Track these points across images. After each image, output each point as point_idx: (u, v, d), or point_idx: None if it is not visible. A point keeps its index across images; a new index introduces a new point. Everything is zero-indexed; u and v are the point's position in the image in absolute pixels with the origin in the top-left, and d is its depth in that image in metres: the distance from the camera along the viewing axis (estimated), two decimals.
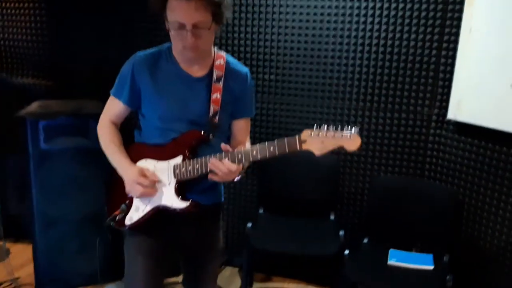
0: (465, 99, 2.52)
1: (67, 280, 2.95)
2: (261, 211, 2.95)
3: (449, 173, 2.69)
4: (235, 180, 1.66)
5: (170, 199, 1.69)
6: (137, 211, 1.73)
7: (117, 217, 1.75)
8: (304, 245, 2.60)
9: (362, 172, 2.91)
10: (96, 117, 2.75)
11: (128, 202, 1.75)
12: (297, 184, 2.92)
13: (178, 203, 1.68)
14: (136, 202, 1.74)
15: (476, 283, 2.51)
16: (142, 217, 1.72)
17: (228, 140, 1.86)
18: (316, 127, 1.54)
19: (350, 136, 1.50)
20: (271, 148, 1.56)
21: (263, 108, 3.02)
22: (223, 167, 1.59)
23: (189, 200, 1.68)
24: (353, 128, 1.52)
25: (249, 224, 2.69)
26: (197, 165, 1.65)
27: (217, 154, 1.63)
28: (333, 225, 2.82)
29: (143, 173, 1.67)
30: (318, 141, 1.52)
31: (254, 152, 1.59)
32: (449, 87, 2.63)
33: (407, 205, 2.69)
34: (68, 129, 2.77)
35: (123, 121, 1.85)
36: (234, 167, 1.59)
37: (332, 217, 2.88)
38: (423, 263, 2.46)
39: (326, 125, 1.53)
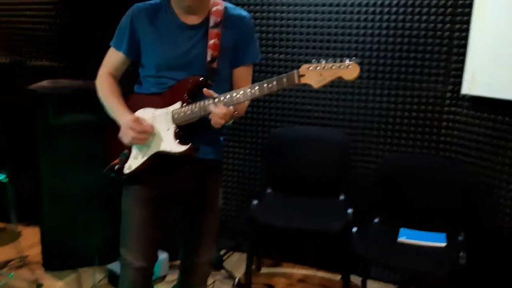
0: (480, 71, 2.43)
1: (74, 257, 2.93)
2: (269, 190, 2.88)
3: (464, 150, 2.58)
4: (227, 124, 1.62)
5: (169, 144, 1.66)
6: (136, 159, 1.71)
7: (116, 166, 1.73)
8: (308, 221, 2.52)
9: (374, 150, 2.82)
10: None
11: (127, 151, 1.74)
12: (306, 163, 2.85)
13: (177, 147, 1.65)
14: (134, 150, 1.73)
15: (490, 262, 2.38)
16: (141, 165, 1.70)
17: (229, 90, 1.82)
18: (314, 61, 1.50)
19: (348, 66, 1.46)
20: (270, 84, 1.54)
21: None
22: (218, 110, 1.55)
23: (188, 143, 1.65)
24: (352, 58, 1.48)
25: (255, 201, 2.62)
26: (196, 109, 1.63)
27: (213, 97, 1.60)
28: (342, 204, 2.73)
29: (137, 120, 1.66)
30: (316, 73, 1.49)
31: (253, 89, 1.57)
32: (463, 61, 2.54)
33: (420, 184, 2.59)
34: (77, 105, 2.78)
35: (121, 74, 1.83)
36: (224, 110, 1.55)
37: (341, 197, 2.79)
38: (435, 240, 2.35)
39: (324, 59, 1.50)
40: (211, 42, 1.67)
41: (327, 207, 2.71)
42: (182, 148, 1.65)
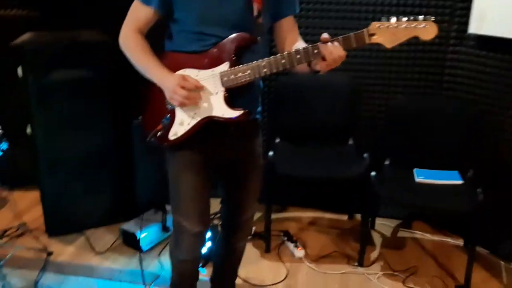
0: (488, 10, 2.45)
1: (78, 221, 2.82)
2: (277, 140, 2.85)
3: (470, 90, 2.64)
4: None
5: (221, 110, 1.56)
6: (182, 125, 1.60)
7: (159, 133, 1.61)
8: (330, 169, 2.55)
9: (379, 94, 2.83)
10: (100, 46, 2.56)
11: (170, 116, 1.61)
12: (312, 110, 2.82)
13: (230, 113, 1.55)
14: (179, 115, 1.61)
15: (501, 196, 2.53)
16: (188, 131, 1.60)
17: (267, 46, 1.73)
18: (385, 19, 1.42)
19: (425, 25, 1.40)
20: (336, 42, 1.44)
21: None
22: (335, 51, 1.43)
23: (239, 108, 1.56)
24: (427, 16, 1.41)
25: (271, 152, 2.59)
26: (249, 70, 1.52)
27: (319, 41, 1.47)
28: (354, 150, 2.77)
29: (185, 77, 1.53)
30: (388, 33, 1.42)
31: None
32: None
33: (427, 125, 2.66)
34: (70, 59, 2.54)
35: (148, 31, 1.66)
36: (343, 52, 1.44)
37: (350, 142, 2.82)
38: (451, 178, 2.46)
39: (395, 17, 1.42)
40: None
41: (340, 153, 2.74)
42: (235, 113, 1.56)
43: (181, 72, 1.59)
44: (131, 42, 1.63)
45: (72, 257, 2.58)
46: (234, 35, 1.55)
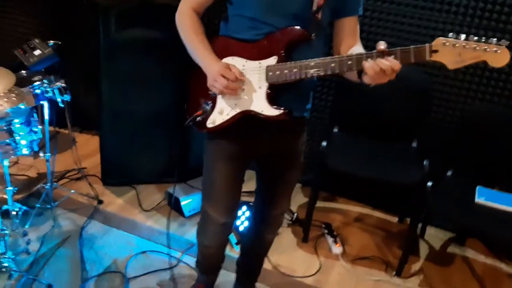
0: None
1: (132, 175, 2.94)
2: (335, 129, 2.73)
3: None
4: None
5: (261, 105, 1.49)
6: (221, 114, 1.55)
7: (198, 118, 1.59)
8: (384, 171, 2.39)
9: (454, 96, 2.59)
10: (170, 8, 2.54)
11: (211, 103, 1.57)
12: (379, 103, 2.62)
13: (270, 110, 1.48)
14: (220, 103, 1.56)
15: None
16: (226, 121, 1.55)
17: (325, 44, 1.61)
18: (453, 36, 1.26)
19: (496, 50, 1.22)
20: (392, 55, 1.30)
21: None
22: (391, 64, 1.28)
23: (281, 107, 1.48)
24: (501, 41, 1.23)
25: (324, 143, 2.49)
26: (295, 69, 1.43)
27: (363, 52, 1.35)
28: (415, 153, 2.58)
29: (229, 67, 1.47)
30: (454, 52, 1.26)
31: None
32: None
33: (502, 139, 2.40)
34: (140, 19, 2.58)
35: (205, 11, 1.61)
36: (398, 65, 1.29)
37: (414, 144, 2.63)
38: None
39: (465, 34, 1.25)
40: None
41: (399, 154, 2.57)
42: (275, 112, 1.48)
43: (229, 59, 1.53)
44: (186, 20, 1.58)
45: (120, 209, 2.70)
46: (287, 28, 1.45)
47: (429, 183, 2.30)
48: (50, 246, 2.38)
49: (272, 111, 1.48)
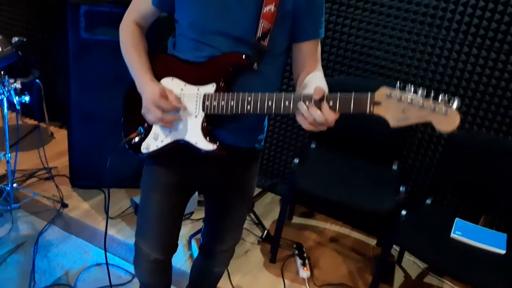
0: None
1: (102, 178, 2.82)
2: (313, 145, 2.58)
3: None
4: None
5: (195, 136, 1.35)
6: (156, 140, 1.41)
7: (133, 141, 1.46)
8: (355, 196, 2.23)
9: None
10: None
11: (147, 125, 1.43)
12: (361, 120, 2.46)
13: (204, 143, 1.34)
14: (155, 128, 1.42)
15: None
16: (161, 148, 1.41)
17: (282, 68, 1.46)
18: (399, 87, 1.08)
19: (445, 111, 1.03)
20: (331, 102, 1.14)
21: None
22: (326, 113, 1.13)
23: (216, 142, 1.33)
24: (453, 100, 1.03)
25: (296, 160, 2.34)
26: (232, 102, 1.27)
27: (301, 95, 1.19)
28: (394, 177, 2.42)
29: (165, 94, 1.32)
30: (397, 107, 1.07)
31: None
32: None
33: (488, 168, 2.22)
34: (111, 18, 2.42)
35: (150, 25, 1.48)
36: (334, 116, 1.13)
37: (394, 166, 2.47)
38: (493, 244, 2.04)
39: (413, 86, 1.07)
40: (266, 9, 1.26)
41: (377, 177, 2.41)
42: (208, 146, 1.33)
43: (168, 80, 1.39)
44: (126, 33, 1.46)
45: (84, 215, 2.59)
46: (228, 53, 1.30)
47: (404, 212, 2.14)
48: (3, 252, 2.29)
49: (205, 145, 1.33)
